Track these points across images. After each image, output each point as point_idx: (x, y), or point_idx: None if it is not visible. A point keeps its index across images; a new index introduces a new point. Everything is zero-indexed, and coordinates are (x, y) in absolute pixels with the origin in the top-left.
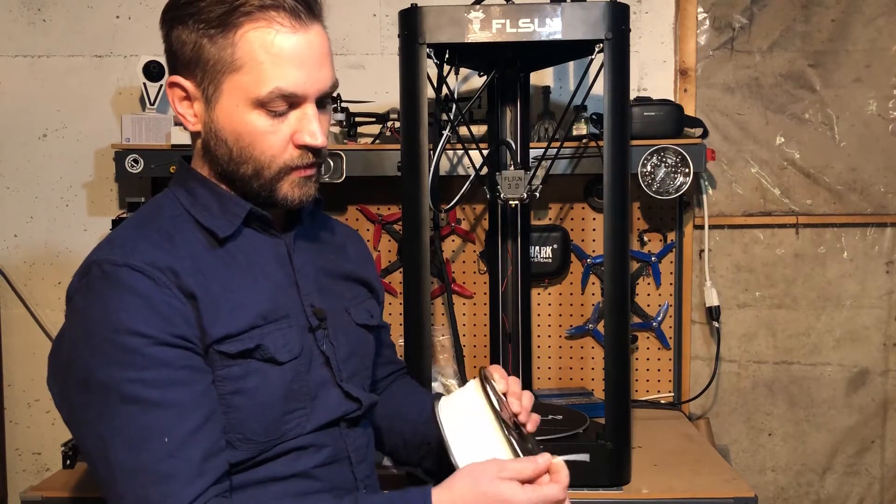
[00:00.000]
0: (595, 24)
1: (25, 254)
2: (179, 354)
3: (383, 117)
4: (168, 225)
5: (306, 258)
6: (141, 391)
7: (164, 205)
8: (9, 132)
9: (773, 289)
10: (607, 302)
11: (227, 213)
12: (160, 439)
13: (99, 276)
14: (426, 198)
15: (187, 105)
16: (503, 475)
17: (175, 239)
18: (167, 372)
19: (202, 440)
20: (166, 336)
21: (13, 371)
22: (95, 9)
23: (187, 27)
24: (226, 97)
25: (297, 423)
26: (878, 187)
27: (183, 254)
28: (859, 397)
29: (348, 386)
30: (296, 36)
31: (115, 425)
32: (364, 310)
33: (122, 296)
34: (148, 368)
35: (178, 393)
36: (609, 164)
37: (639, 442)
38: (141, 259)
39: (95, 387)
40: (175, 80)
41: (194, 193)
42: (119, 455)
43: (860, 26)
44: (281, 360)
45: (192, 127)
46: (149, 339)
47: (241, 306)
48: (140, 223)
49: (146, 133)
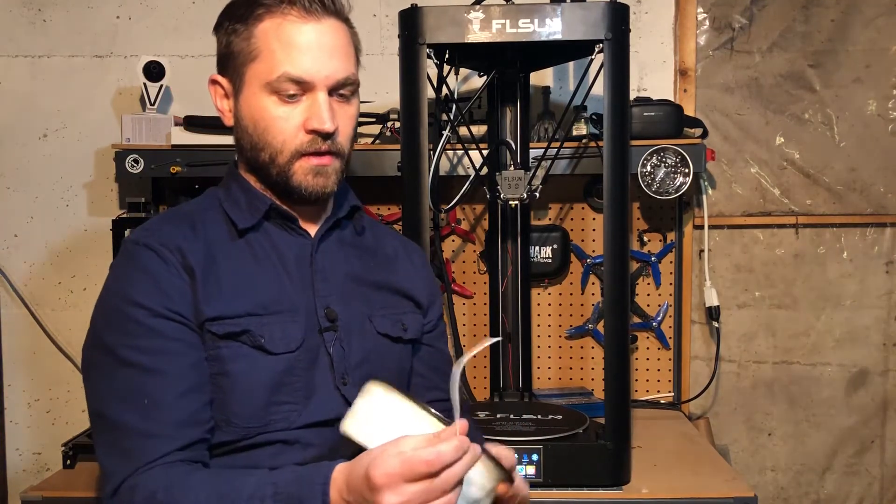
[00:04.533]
0: (595, 24)
1: (25, 254)
2: (174, 328)
3: (383, 117)
4: (196, 215)
5: (333, 261)
6: (135, 356)
7: (205, 199)
8: (9, 132)
9: (773, 289)
10: (607, 302)
11: (251, 208)
12: (143, 401)
13: (123, 253)
14: (426, 198)
15: (224, 102)
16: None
17: (197, 227)
18: (160, 342)
19: (180, 408)
20: (164, 310)
21: (13, 371)
22: (95, 9)
23: (222, 28)
24: (247, 86)
25: (286, 416)
26: (878, 187)
27: (198, 236)
28: (859, 397)
29: (350, 392)
30: (306, 25)
31: (110, 383)
32: (394, 320)
33: (134, 272)
34: (143, 337)
35: (166, 362)
36: (609, 165)
37: (639, 442)
38: (156, 239)
39: (101, 348)
40: (214, 77)
41: (229, 189)
42: (109, 409)
43: (860, 26)
44: (273, 350)
45: (228, 121)
46: (148, 311)
47: (243, 293)
48: (174, 212)
49: (146, 133)
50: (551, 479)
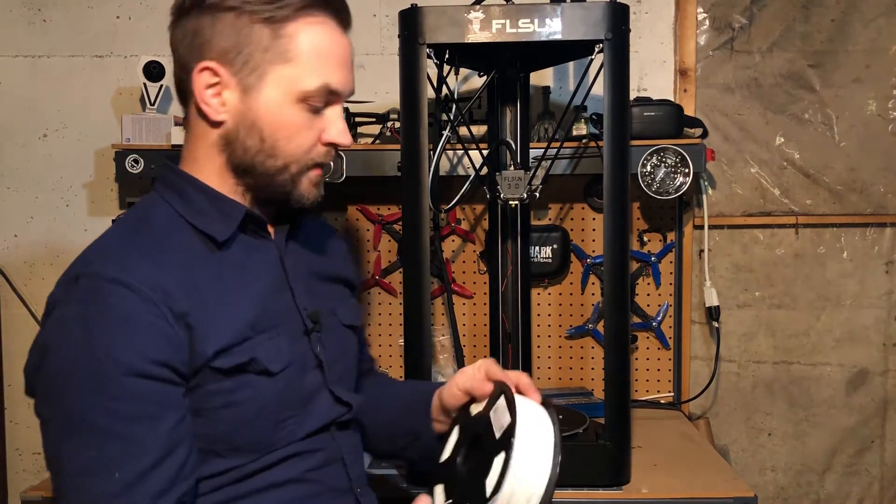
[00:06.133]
0: (595, 24)
1: (25, 254)
2: (153, 388)
3: (383, 117)
4: (160, 233)
5: (298, 260)
6: (104, 420)
7: (155, 210)
8: (9, 132)
9: (773, 289)
10: (607, 302)
11: (224, 216)
12: (111, 473)
13: (87, 290)
14: (426, 198)
15: (213, 93)
16: None
17: (167, 249)
18: (135, 405)
19: (154, 480)
20: (145, 364)
21: (13, 371)
22: (95, 9)
23: (234, 13)
24: (270, 87)
25: (290, 430)
26: (878, 187)
27: (175, 266)
28: (859, 397)
29: (338, 390)
30: (343, 39)
31: (73, 447)
32: (349, 310)
33: (108, 315)
34: (118, 399)
35: (141, 428)
36: (609, 165)
37: (639, 442)
38: (132, 276)
39: (62, 404)
40: (208, 65)
41: (188, 197)
42: (70, 479)
43: (860, 26)
44: (273, 370)
45: (216, 115)
46: (125, 367)
47: (233, 317)
48: (130, 231)
49: (146, 133)
50: None
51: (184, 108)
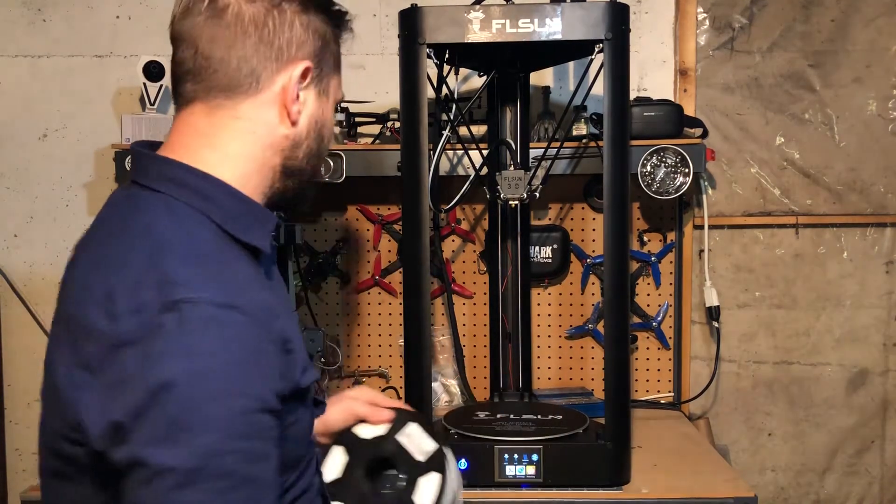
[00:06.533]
0: (595, 24)
1: (25, 254)
2: (271, 423)
3: (383, 117)
4: (220, 252)
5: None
6: (235, 464)
7: (192, 224)
8: (9, 132)
9: (773, 289)
10: (607, 302)
11: (259, 224)
12: None
13: (198, 320)
14: (426, 198)
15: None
16: None
17: (232, 264)
18: (261, 444)
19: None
20: (269, 398)
21: (13, 371)
22: (95, 9)
23: (320, 16)
24: (330, 94)
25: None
26: (878, 187)
27: (259, 284)
28: (859, 397)
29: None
30: None
31: (194, 497)
32: None
33: (232, 346)
34: (248, 437)
35: (260, 469)
36: (609, 165)
37: (639, 442)
38: (241, 299)
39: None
40: (309, 65)
41: (219, 203)
42: None
43: (860, 26)
44: (304, 385)
45: (295, 116)
46: (258, 403)
47: (299, 338)
48: (203, 257)
49: (146, 133)
50: (551, 480)
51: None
